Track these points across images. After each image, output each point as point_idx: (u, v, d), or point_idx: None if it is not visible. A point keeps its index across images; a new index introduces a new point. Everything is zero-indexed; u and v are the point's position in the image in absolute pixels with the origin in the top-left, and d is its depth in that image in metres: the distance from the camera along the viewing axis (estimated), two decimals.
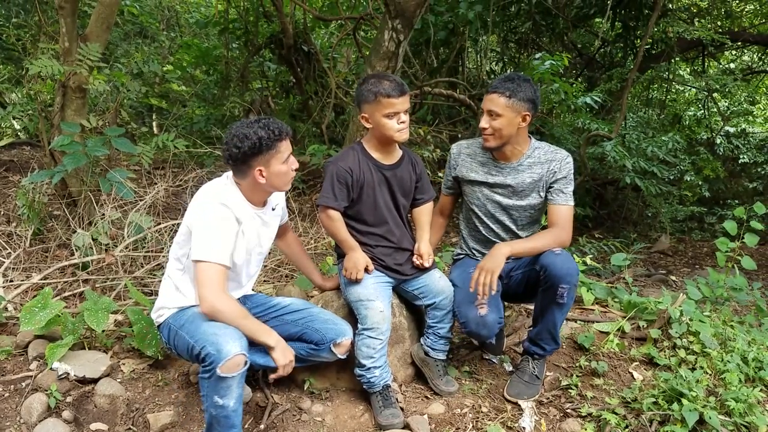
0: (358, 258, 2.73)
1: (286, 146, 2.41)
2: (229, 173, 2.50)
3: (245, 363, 2.23)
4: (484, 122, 2.74)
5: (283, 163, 2.41)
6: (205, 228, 2.32)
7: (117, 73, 6.07)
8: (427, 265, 2.85)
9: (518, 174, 2.84)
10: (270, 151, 2.35)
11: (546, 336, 2.82)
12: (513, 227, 2.93)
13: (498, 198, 2.89)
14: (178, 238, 2.48)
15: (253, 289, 2.84)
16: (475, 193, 2.96)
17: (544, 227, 2.91)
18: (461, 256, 3.15)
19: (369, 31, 8.31)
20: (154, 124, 9.80)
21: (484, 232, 2.98)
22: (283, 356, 2.41)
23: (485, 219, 2.96)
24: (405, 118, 2.65)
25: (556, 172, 2.81)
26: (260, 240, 2.60)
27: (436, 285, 2.85)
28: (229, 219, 2.37)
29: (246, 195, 2.47)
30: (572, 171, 2.84)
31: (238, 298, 2.66)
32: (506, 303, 3.30)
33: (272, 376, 2.49)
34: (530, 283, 2.82)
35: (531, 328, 2.93)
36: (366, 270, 2.73)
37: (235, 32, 8.65)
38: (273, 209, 2.64)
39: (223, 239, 2.33)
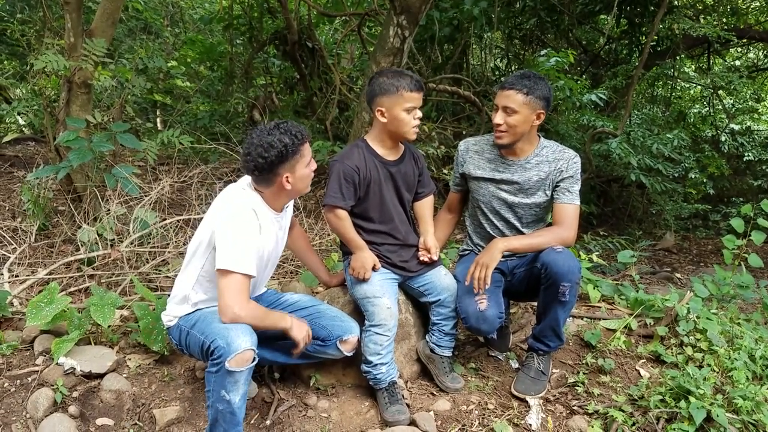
0: (365, 257, 2.71)
1: (307, 149, 2.40)
2: (247, 180, 2.47)
3: (254, 359, 2.23)
4: (499, 118, 2.73)
5: (306, 166, 2.41)
6: (234, 237, 2.27)
7: (121, 68, 6.07)
8: (435, 258, 2.84)
9: (525, 171, 2.83)
10: (295, 156, 2.33)
11: (549, 333, 2.82)
12: (518, 224, 2.92)
13: (504, 195, 2.88)
14: (198, 248, 2.43)
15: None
16: (481, 189, 2.95)
17: (550, 225, 2.90)
18: (466, 252, 3.15)
19: (374, 27, 8.29)
20: (158, 120, 9.80)
21: (488, 229, 2.98)
22: (300, 331, 2.44)
23: (490, 216, 2.95)
24: (420, 114, 2.67)
25: (563, 171, 2.79)
26: (278, 244, 2.60)
27: (441, 282, 2.85)
28: (257, 226, 2.35)
29: (269, 202, 2.45)
30: (579, 170, 2.83)
31: (252, 298, 2.66)
32: (511, 301, 3.30)
33: (296, 351, 2.50)
34: (532, 281, 2.81)
35: (535, 325, 2.92)
36: (373, 268, 2.73)
37: (240, 28, 8.63)
38: (287, 207, 2.63)
39: (252, 248, 2.31)
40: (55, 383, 2.62)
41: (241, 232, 2.29)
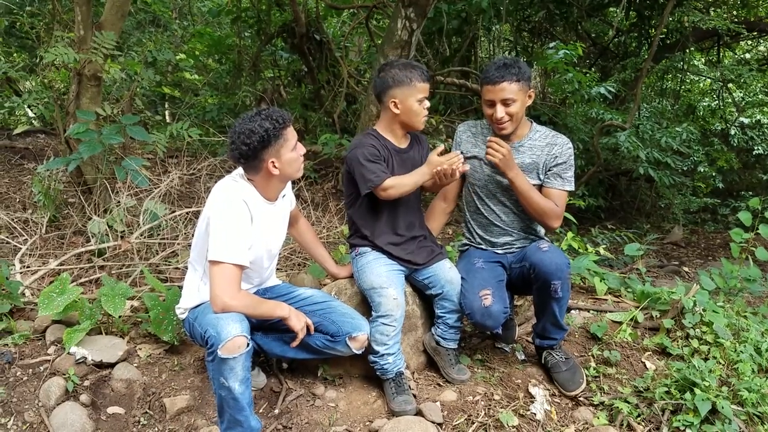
0: (439, 159, 2.63)
1: (291, 133, 2.41)
2: (239, 171, 2.49)
3: (247, 345, 2.25)
4: (501, 112, 2.73)
5: (293, 150, 2.42)
6: (224, 227, 2.30)
7: (130, 61, 6.10)
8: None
9: (519, 154, 2.86)
10: (278, 140, 2.35)
11: (551, 328, 2.84)
12: (514, 209, 2.93)
13: (499, 177, 2.89)
14: (197, 242, 2.48)
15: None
16: (476, 173, 2.97)
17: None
18: (466, 248, 3.15)
19: (381, 20, 8.28)
20: (166, 112, 9.83)
21: (485, 214, 2.99)
22: (298, 321, 2.46)
23: (486, 200, 2.97)
24: (428, 104, 2.74)
25: (557, 156, 2.83)
26: (277, 232, 2.61)
27: (445, 275, 2.86)
28: (247, 216, 2.37)
29: (261, 191, 2.47)
30: (572, 157, 2.86)
31: (259, 290, 2.69)
32: (515, 295, 3.31)
33: (294, 343, 2.52)
34: (526, 279, 2.83)
35: (535, 324, 2.94)
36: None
37: (248, 21, 8.65)
38: (283, 196, 2.65)
39: (242, 238, 2.33)
40: (67, 372, 2.66)
41: (231, 223, 2.31)
